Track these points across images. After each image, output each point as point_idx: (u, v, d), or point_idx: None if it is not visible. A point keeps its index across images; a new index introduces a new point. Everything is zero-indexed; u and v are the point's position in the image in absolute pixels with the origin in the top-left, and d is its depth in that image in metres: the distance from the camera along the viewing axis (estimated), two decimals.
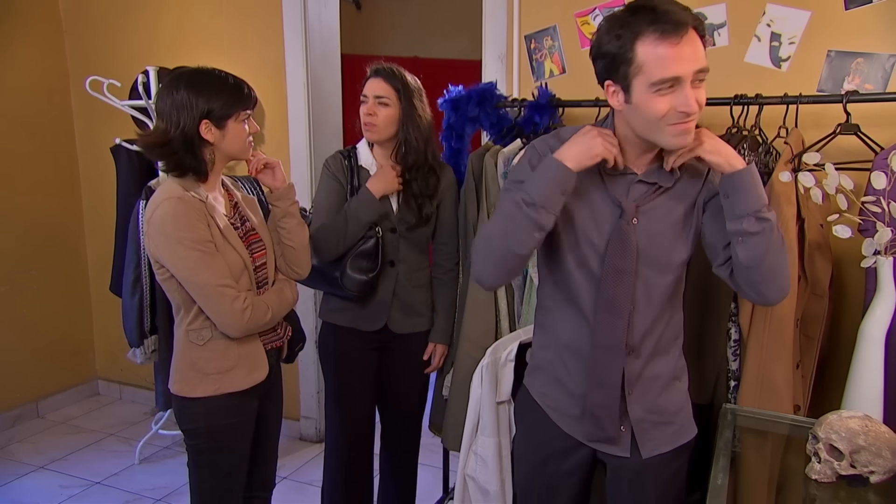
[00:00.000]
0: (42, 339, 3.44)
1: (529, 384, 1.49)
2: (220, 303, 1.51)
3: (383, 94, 1.90)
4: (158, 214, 1.49)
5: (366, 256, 1.91)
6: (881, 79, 1.91)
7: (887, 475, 1.26)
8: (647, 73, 1.15)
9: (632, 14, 1.17)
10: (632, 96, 1.19)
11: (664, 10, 1.14)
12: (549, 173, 1.24)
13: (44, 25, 3.34)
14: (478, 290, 2.04)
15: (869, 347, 1.55)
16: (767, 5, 2.02)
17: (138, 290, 2.67)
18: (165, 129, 1.50)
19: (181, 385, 1.59)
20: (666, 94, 1.16)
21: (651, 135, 1.23)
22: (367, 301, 1.98)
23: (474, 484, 1.84)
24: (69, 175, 3.51)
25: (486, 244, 1.30)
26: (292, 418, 3.17)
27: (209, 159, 1.55)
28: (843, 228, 1.59)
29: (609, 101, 1.25)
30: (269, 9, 2.89)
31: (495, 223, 1.30)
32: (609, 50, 1.19)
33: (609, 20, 1.21)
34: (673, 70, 1.14)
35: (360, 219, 1.89)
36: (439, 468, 2.52)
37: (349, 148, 2.05)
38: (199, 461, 1.64)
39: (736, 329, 1.76)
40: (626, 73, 1.18)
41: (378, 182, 1.91)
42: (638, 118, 1.22)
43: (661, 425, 1.40)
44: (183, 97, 1.49)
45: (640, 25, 1.15)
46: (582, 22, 2.28)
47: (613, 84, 1.22)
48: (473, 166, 2.10)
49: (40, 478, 2.85)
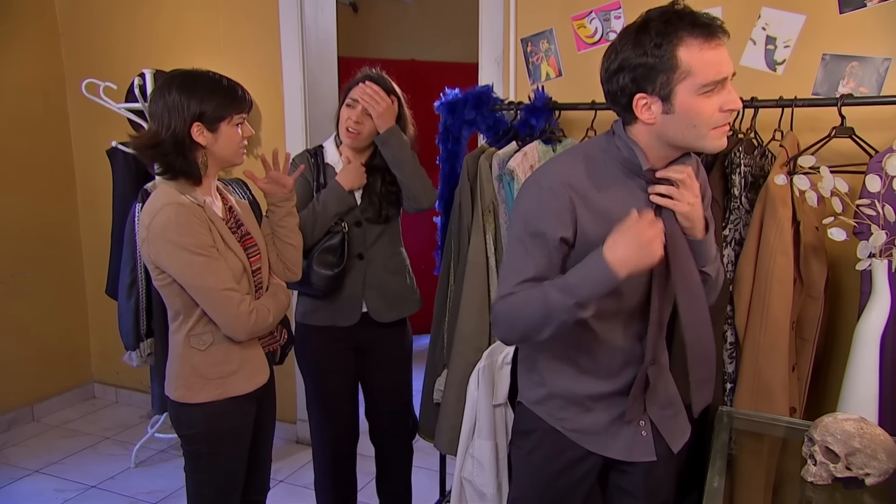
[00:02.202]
0: (37, 341, 3.43)
1: (543, 413, 1.42)
2: (227, 307, 1.51)
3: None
4: (159, 220, 1.47)
5: (332, 251, 1.94)
6: (875, 82, 1.92)
7: (882, 477, 1.26)
8: (695, 76, 1.15)
9: (665, 23, 1.16)
10: (674, 104, 1.17)
11: (698, 15, 1.16)
12: (600, 281, 1.18)
13: (40, 28, 3.34)
14: (472, 292, 2.05)
15: (864, 350, 1.56)
16: (763, 9, 2.02)
17: (134, 293, 2.67)
18: (156, 130, 1.49)
19: (183, 391, 1.57)
20: (712, 96, 1.17)
21: (693, 140, 1.21)
22: (336, 296, 2.00)
23: (471, 487, 1.84)
24: (65, 177, 3.51)
25: (511, 321, 1.26)
26: (288, 421, 3.17)
27: (201, 162, 1.54)
28: (838, 231, 1.60)
29: (639, 115, 1.21)
30: (266, 11, 2.89)
31: (529, 308, 1.23)
32: (644, 62, 1.17)
33: (634, 33, 1.18)
34: (720, 71, 1.16)
35: (329, 210, 1.93)
36: (436, 471, 2.52)
37: (315, 147, 2.08)
38: (198, 466, 1.63)
39: (732, 332, 1.76)
40: (668, 80, 1.16)
41: (346, 176, 1.96)
42: (681, 125, 1.19)
43: (677, 416, 1.43)
44: (175, 99, 1.48)
45: (679, 32, 1.15)
46: (578, 25, 2.28)
47: (647, 96, 1.19)
48: (468, 168, 2.11)
49: (36, 482, 2.84)
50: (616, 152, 1.28)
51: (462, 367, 2.03)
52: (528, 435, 1.45)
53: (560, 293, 1.20)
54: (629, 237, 1.18)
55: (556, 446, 1.40)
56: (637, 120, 1.23)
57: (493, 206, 2.07)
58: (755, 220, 1.71)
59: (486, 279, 2.06)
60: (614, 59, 1.21)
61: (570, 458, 1.40)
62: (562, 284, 1.20)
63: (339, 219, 1.96)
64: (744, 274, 1.71)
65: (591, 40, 2.26)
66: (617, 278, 1.17)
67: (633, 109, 1.21)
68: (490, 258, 2.07)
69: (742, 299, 1.72)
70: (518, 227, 1.28)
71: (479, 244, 2.06)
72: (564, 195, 1.24)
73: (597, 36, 2.25)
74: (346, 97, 1.97)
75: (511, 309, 1.25)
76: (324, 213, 1.93)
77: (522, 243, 1.26)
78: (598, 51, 2.25)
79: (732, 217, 1.76)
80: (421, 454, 2.28)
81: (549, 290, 1.21)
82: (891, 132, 1.78)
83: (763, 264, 1.68)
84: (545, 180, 1.27)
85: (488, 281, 2.07)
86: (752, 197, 1.78)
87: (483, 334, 2.06)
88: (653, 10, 1.19)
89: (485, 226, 2.06)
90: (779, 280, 1.67)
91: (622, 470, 1.42)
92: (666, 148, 1.25)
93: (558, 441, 1.40)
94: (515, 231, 1.29)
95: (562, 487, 1.41)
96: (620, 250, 1.17)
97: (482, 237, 2.06)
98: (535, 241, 1.25)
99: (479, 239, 2.06)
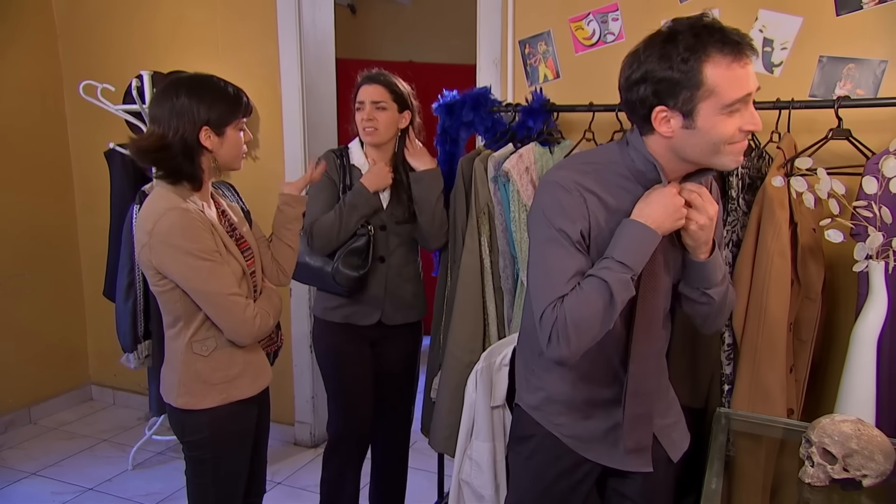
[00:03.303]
0: (35, 343, 3.42)
1: (541, 418, 1.41)
2: (233, 312, 1.51)
3: (380, 99, 1.98)
4: (163, 225, 1.45)
5: (357, 253, 1.98)
6: (872, 84, 1.92)
7: (880, 479, 1.26)
8: (720, 95, 1.12)
9: (694, 37, 1.12)
10: (696, 120, 1.15)
11: (728, 31, 1.12)
12: (644, 242, 1.18)
13: (38, 29, 3.33)
14: (466, 293, 2.07)
15: (861, 351, 1.56)
16: (760, 11, 2.03)
17: (132, 295, 2.66)
18: (162, 134, 1.48)
19: (187, 398, 1.56)
20: (734, 114, 1.15)
21: (708, 157, 1.19)
22: (360, 297, 2.04)
23: (469, 489, 1.84)
24: (63, 179, 3.50)
25: (579, 326, 1.17)
26: (287, 423, 3.16)
27: (206, 167, 1.54)
28: (835, 233, 1.60)
29: (657, 128, 1.18)
30: (264, 12, 2.89)
31: (592, 298, 1.17)
32: (669, 76, 1.13)
33: (661, 44, 1.14)
34: (745, 89, 1.13)
35: (356, 213, 1.97)
36: (434, 473, 2.52)
37: (341, 147, 2.11)
38: (202, 471, 1.62)
39: (729, 333, 1.77)
40: (692, 97, 1.13)
41: (371, 177, 1.99)
42: (699, 142, 1.17)
43: (677, 424, 1.44)
44: (184, 103, 1.48)
45: (709, 48, 1.11)
46: (576, 27, 2.28)
47: (668, 110, 1.16)
48: (463, 170, 2.12)
49: (33, 484, 2.83)
50: (629, 162, 1.26)
51: (455, 368, 2.06)
52: (527, 440, 1.44)
53: (614, 271, 1.17)
54: (657, 200, 1.20)
55: (554, 452, 1.40)
56: (654, 132, 1.20)
57: (489, 209, 2.08)
58: (752, 222, 1.71)
59: (481, 281, 2.08)
60: (637, 68, 1.17)
61: (569, 464, 1.40)
62: (609, 263, 1.18)
63: (366, 221, 2.00)
64: (741, 275, 1.72)
65: (589, 42, 2.27)
66: (658, 236, 1.19)
67: (651, 121, 1.19)
68: (485, 260, 2.08)
69: (740, 301, 1.72)
70: (543, 231, 1.24)
71: (473, 246, 2.07)
72: (576, 192, 1.22)
73: (594, 38, 2.26)
74: (355, 102, 2.02)
75: (575, 308, 1.17)
76: (349, 216, 1.96)
77: (555, 242, 1.22)
78: (596, 53, 2.26)
79: (730, 219, 1.76)
80: (419, 456, 2.29)
81: (601, 274, 1.18)
82: (887, 134, 1.78)
83: (760, 266, 1.69)
84: (561, 180, 1.24)
85: (482, 283, 2.08)
86: (750, 199, 1.78)
87: (477, 336, 2.08)
88: (680, 21, 1.15)
89: (479, 228, 2.07)
90: (776, 281, 1.67)
91: (621, 475, 1.42)
92: (679, 162, 1.23)
93: (556, 446, 1.39)
94: (542, 234, 1.24)
95: (560, 493, 1.41)
96: (651, 211, 1.19)
97: (476, 239, 2.07)
98: (565, 238, 1.22)
99: (474, 241, 2.07)
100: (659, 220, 1.19)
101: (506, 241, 2.09)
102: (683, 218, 1.21)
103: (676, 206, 1.20)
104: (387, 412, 2.21)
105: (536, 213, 1.26)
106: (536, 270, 1.25)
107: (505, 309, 2.13)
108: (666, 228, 1.20)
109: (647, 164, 1.24)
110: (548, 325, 1.18)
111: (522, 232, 2.03)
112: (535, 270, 1.25)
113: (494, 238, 2.09)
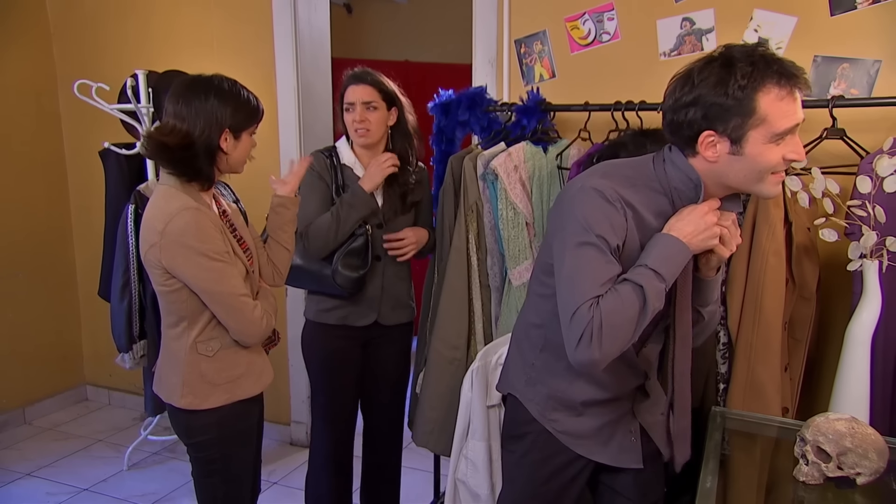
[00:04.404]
0: (29, 343, 3.41)
1: (536, 412, 1.41)
2: (243, 312, 1.52)
3: (371, 99, 1.97)
4: (177, 225, 1.44)
5: (356, 254, 1.97)
6: (866, 84, 1.93)
7: (873, 477, 1.27)
8: (770, 124, 1.13)
9: (751, 65, 1.12)
10: (744, 147, 1.15)
11: (786, 63, 1.13)
12: (677, 255, 1.20)
13: (32, 29, 3.32)
14: (452, 291, 2.07)
15: (855, 350, 1.57)
16: (755, 11, 2.03)
17: (127, 295, 2.65)
18: (188, 132, 1.48)
19: (191, 399, 1.56)
20: (780, 144, 1.16)
21: (750, 185, 1.20)
22: (359, 297, 2.03)
23: (465, 488, 1.84)
24: (57, 179, 3.49)
25: (614, 327, 1.15)
26: (282, 423, 3.16)
27: (221, 169, 1.56)
28: (829, 232, 1.61)
29: (702, 151, 1.19)
30: (260, 12, 2.89)
31: (627, 303, 1.16)
32: (722, 102, 1.13)
33: (718, 70, 1.14)
34: (794, 120, 1.15)
35: (353, 215, 1.95)
36: (430, 472, 2.52)
37: (329, 147, 2.09)
38: (210, 471, 1.62)
39: (725, 332, 1.77)
40: (742, 124, 1.14)
41: (369, 178, 1.97)
42: (743, 168, 1.17)
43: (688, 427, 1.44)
44: (213, 105, 1.49)
45: (766, 79, 1.12)
46: (571, 27, 2.29)
47: (716, 135, 1.16)
48: (453, 168, 2.12)
49: (27, 485, 2.82)
50: (663, 178, 1.26)
51: (439, 363, 2.07)
52: (520, 439, 1.45)
53: (650, 279, 1.17)
54: (691, 217, 1.21)
55: (547, 449, 1.41)
56: (696, 154, 1.21)
57: (477, 207, 2.08)
58: (747, 221, 1.72)
59: (467, 279, 2.08)
60: (689, 91, 1.17)
61: (562, 461, 1.41)
62: (644, 271, 1.18)
63: (364, 221, 1.99)
64: (736, 274, 1.72)
65: (585, 42, 2.27)
66: (690, 251, 1.20)
67: (695, 144, 1.19)
68: (472, 257, 2.08)
69: (734, 300, 1.72)
70: (581, 234, 1.21)
71: (460, 244, 2.07)
72: (619, 204, 1.22)
73: (590, 37, 2.26)
74: (343, 103, 2.00)
75: (611, 309, 1.15)
76: (347, 218, 1.94)
77: (594, 247, 1.20)
78: (592, 52, 2.26)
79: None
80: (415, 455, 2.28)
81: (637, 279, 1.18)
82: (881, 133, 1.79)
83: (755, 265, 1.69)
84: (604, 189, 1.22)
85: (469, 280, 2.08)
86: (745, 198, 1.79)
87: (461, 333, 2.09)
88: (735, 49, 1.16)
89: (467, 225, 2.07)
90: (771, 280, 1.67)
91: (614, 471, 1.43)
92: (717, 186, 1.24)
93: (550, 444, 1.40)
94: (579, 237, 1.21)
95: (554, 489, 1.42)
96: (684, 226, 1.20)
97: (464, 237, 2.07)
98: (605, 245, 1.20)
99: (461, 239, 2.07)
100: (690, 237, 1.20)
101: (494, 239, 2.10)
102: (714, 239, 1.22)
103: (709, 224, 1.21)
104: (380, 411, 2.21)
105: (575, 217, 1.22)
106: (571, 270, 1.21)
107: (492, 306, 2.13)
108: (695, 246, 1.21)
109: (686, 183, 1.24)
110: (581, 323, 1.15)
111: (510, 230, 2.04)
112: (570, 270, 1.21)
113: (482, 236, 2.10)
